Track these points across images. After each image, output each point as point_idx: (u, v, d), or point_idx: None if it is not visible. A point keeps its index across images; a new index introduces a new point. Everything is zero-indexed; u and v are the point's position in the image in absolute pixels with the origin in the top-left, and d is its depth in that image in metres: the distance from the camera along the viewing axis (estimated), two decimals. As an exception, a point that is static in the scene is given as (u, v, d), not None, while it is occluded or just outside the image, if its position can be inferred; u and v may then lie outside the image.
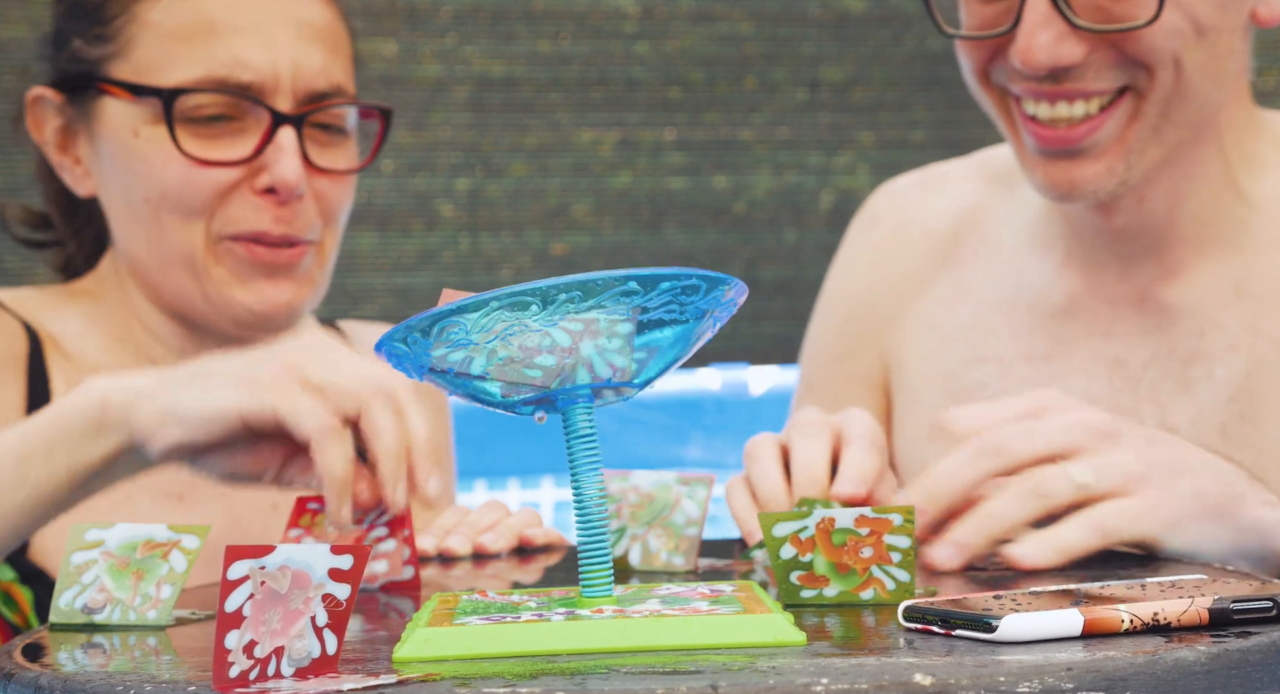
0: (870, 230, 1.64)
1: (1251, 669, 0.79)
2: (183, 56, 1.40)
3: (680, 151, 3.02)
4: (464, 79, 2.98)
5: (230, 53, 1.39)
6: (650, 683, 0.74)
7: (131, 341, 1.47)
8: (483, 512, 1.32)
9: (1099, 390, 1.44)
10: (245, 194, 1.41)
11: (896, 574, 0.96)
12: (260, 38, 1.40)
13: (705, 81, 3.02)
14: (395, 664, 0.81)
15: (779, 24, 3.02)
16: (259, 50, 1.39)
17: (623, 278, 0.84)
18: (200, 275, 1.42)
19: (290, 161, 1.39)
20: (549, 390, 0.87)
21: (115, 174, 1.43)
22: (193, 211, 1.40)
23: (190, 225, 1.41)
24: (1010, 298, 1.51)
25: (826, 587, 0.97)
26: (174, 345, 1.47)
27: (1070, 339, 1.47)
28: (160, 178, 1.40)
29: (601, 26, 3.01)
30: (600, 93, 3.01)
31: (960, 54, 1.41)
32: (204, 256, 1.41)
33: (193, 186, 1.40)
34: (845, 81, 3.03)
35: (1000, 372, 1.49)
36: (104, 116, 1.43)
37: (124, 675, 0.81)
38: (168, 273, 1.43)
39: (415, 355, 0.87)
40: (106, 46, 1.42)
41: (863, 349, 1.60)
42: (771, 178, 3.04)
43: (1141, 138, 1.36)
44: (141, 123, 1.40)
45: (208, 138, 1.40)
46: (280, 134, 1.40)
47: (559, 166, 3.02)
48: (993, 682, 0.74)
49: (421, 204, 3.01)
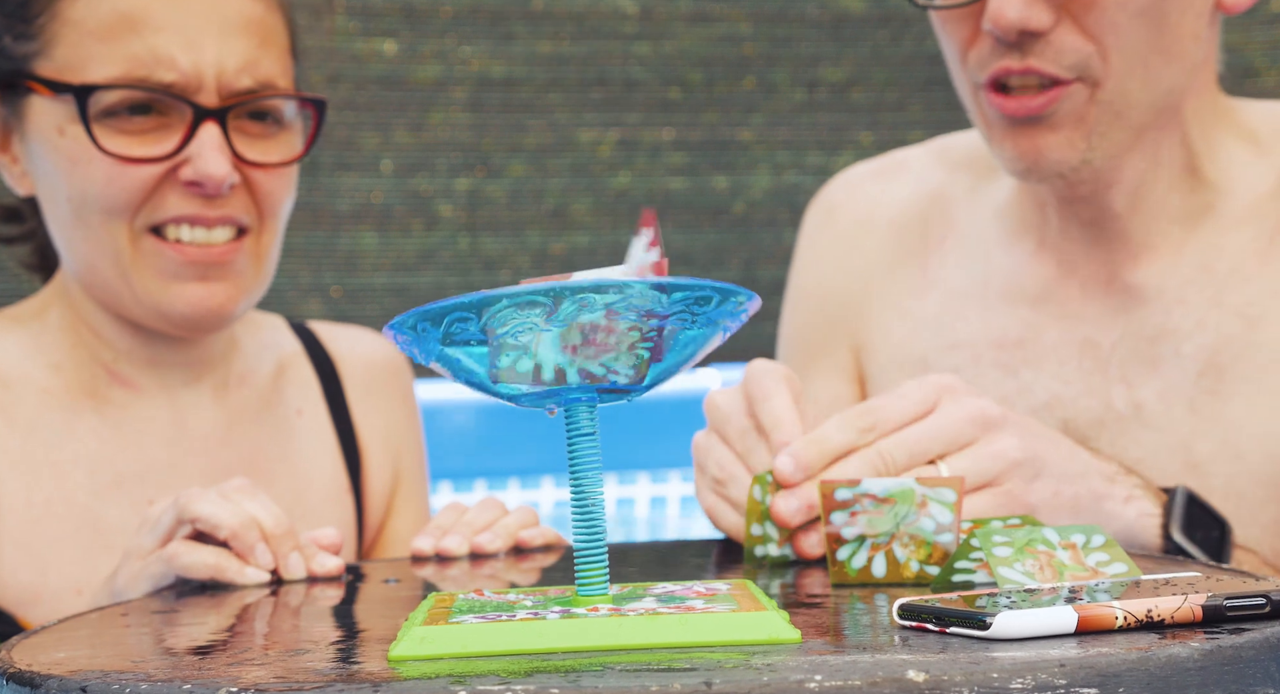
0: (831, 222, 1.66)
1: (1245, 666, 0.79)
2: (103, 54, 1.39)
3: (679, 152, 3.02)
4: (464, 79, 2.98)
5: (150, 51, 1.38)
6: (645, 680, 0.74)
7: (84, 349, 1.45)
8: (479, 511, 1.31)
9: (1070, 373, 1.47)
10: (172, 186, 1.39)
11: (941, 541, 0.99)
12: (181, 35, 1.38)
13: (704, 82, 3.02)
14: (391, 663, 0.82)
15: (778, 24, 3.02)
16: (180, 49, 1.38)
17: (634, 285, 0.84)
18: (128, 277, 1.40)
19: (213, 155, 1.38)
20: (554, 389, 0.87)
21: (45, 173, 1.42)
22: (116, 209, 1.39)
23: (114, 223, 1.39)
24: (980, 285, 1.54)
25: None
26: (123, 348, 1.45)
27: (1041, 324, 1.50)
28: (83, 176, 1.39)
29: (601, 27, 3.01)
30: (600, 93, 3.01)
31: (940, 34, 1.44)
32: (130, 256, 1.40)
33: (114, 184, 1.38)
34: (844, 82, 3.03)
35: (972, 357, 1.51)
36: (32, 115, 1.42)
37: (121, 674, 0.82)
38: (97, 274, 1.42)
39: (423, 342, 0.87)
40: (31, 44, 1.41)
41: (834, 340, 1.62)
42: (770, 178, 3.04)
43: (1102, 120, 1.39)
44: (66, 121, 1.39)
45: (131, 134, 1.39)
46: (203, 130, 1.38)
47: (558, 167, 3.02)
48: (986, 678, 0.74)
49: (421, 204, 3.01)
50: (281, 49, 1.44)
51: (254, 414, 1.50)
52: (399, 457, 1.57)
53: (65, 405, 1.43)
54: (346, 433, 1.54)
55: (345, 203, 3.04)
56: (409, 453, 1.59)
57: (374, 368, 1.58)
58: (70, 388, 1.44)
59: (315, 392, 1.54)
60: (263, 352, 1.53)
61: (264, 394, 1.51)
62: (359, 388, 1.56)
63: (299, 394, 1.53)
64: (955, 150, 1.63)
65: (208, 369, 1.48)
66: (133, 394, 1.45)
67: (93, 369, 1.44)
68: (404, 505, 1.59)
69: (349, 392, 1.56)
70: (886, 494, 1.05)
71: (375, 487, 1.55)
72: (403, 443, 1.58)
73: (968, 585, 0.99)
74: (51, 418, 1.43)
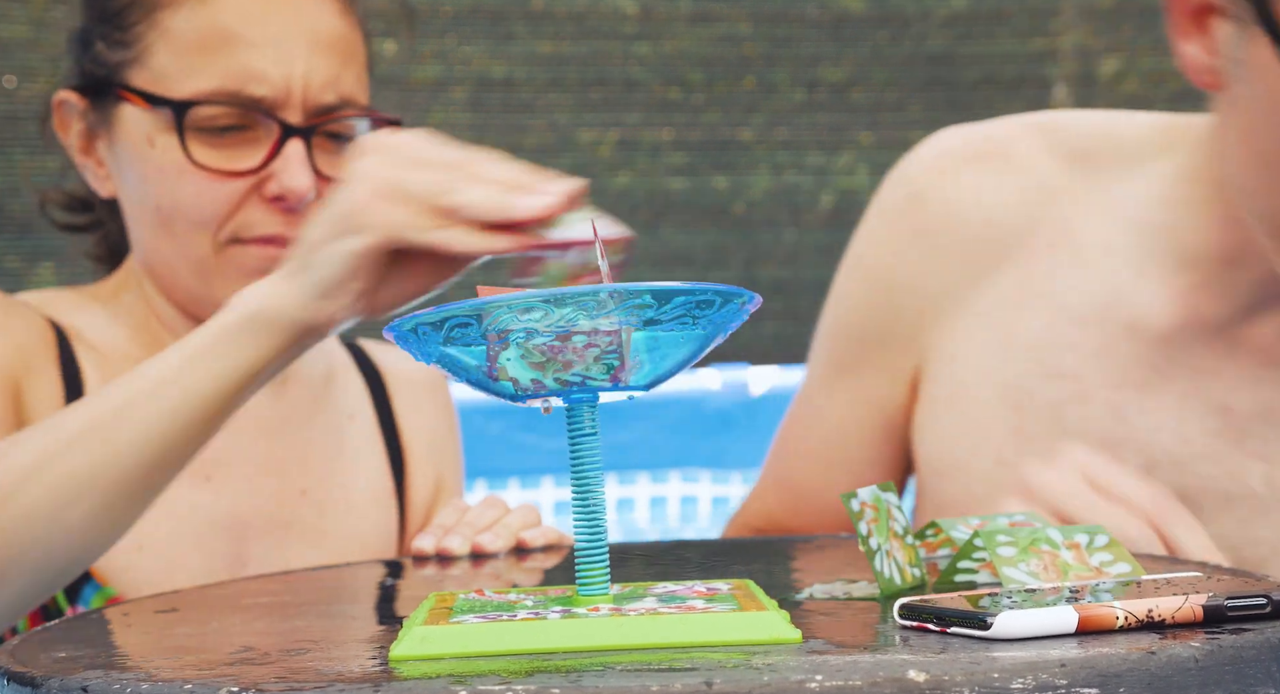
0: (916, 210, 1.45)
1: (1245, 666, 0.80)
2: (198, 67, 1.41)
3: (679, 152, 3.03)
4: (464, 79, 2.98)
5: (244, 66, 1.40)
6: (645, 680, 0.74)
7: (150, 334, 1.48)
8: (481, 510, 1.33)
9: (1192, 433, 1.32)
10: (255, 202, 1.42)
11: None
12: (274, 51, 1.41)
13: (704, 82, 3.03)
14: (391, 662, 0.82)
15: (778, 25, 3.02)
16: (272, 64, 1.41)
17: (638, 292, 0.84)
18: (210, 280, 1.43)
19: (298, 171, 1.41)
20: (555, 390, 0.88)
21: (131, 179, 1.44)
22: (204, 221, 1.42)
23: (200, 234, 1.42)
24: (1098, 310, 1.35)
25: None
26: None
27: (1168, 371, 1.32)
28: (173, 187, 1.42)
29: (601, 27, 3.01)
30: (599, 93, 3.01)
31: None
32: (214, 263, 1.43)
33: (204, 197, 1.41)
34: (844, 82, 3.03)
35: (1079, 394, 1.35)
36: (122, 122, 1.44)
37: (123, 674, 0.82)
38: (178, 277, 1.45)
39: (424, 345, 0.87)
40: (126, 52, 1.43)
41: (898, 336, 1.46)
42: (770, 178, 3.04)
43: None
44: (157, 131, 1.42)
45: (219, 147, 1.41)
46: (289, 146, 1.41)
47: (559, 166, 3.02)
48: (987, 678, 0.75)
49: (421, 204, 3.01)
50: (360, 66, 1.47)
51: (307, 413, 1.54)
52: (440, 465, 1.62)
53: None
54: (393, 440, 1.59)
55: (345, 203, 3.03)
56: (449, 463, 1.64)
57: (418, 382, 1.63)
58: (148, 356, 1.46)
59: (365, 400, 1.59)
60: (316, 356, 1.57)
61: (317, 396, 1.55)
62: (405, 400, 1.61)
63: (350, 401, 1.58)
64: (1070, 136, 1.40)
65: None
66: None
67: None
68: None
69: (396, 403, 1.61)
70: (874, 500, 1.03)
71: (418, 492, 1.59)
72: (444, 453, 1.63)
73: (970, 585, 0.99)
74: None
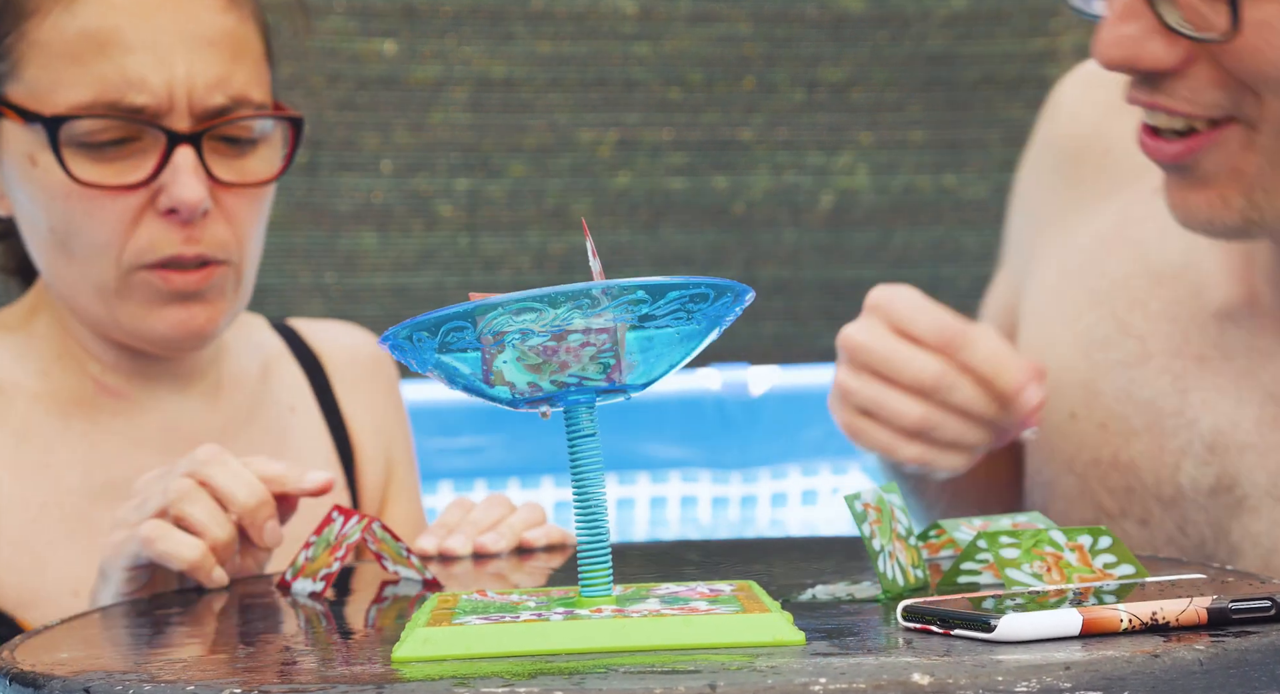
0: (1054, 119, 1.40)
1: (1250, 669, 0.79)
2: (71, 78, 1.33)
3: (679, 152, 3.03)
4: (464, 79, 2.98)
5: (120, 73, 1.33)
6: (648, 682, 0.74)
7: (71, 360, 1.43)
8: (485, 509, 1.31)
9: (1245, 418, 1.26)
10: (151, 217, 1.35)
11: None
12: (152, 55, 1.34)
13: (704, 82, 3.03)
14: (394, 664, 0.82)
15: (777, 24, 3.02)
16: (151, 69, 1.33)
17: (632, 287, 0.84)
18: (112, 306, 1.37)
19: (189, 181, 1.33)
20: (552, 391, 0.87)
21: (22, 200, 1.38)
22: (101, 244, 1.35)
23: (100, 257, 1.36)
24: (1174, 270, 1.29)
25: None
26: (109, 362, 1.43)
27: (1227, 350, 1.27)
28: (62, 208, 1.35)
29: (601, 27, 3.01)
30: (599, 93, 3.01)
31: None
32: (114, 290, 1.37)
33: (94, 217, 1.34)
34: (844, 82, 3.03)
35: (1140, 354, 1.30)
36: (6, 141, 1.37)
37: (125, 675, 0.82)
38: (78, 300, 1.39)
39: (419, 351, 0.87)
40: (1, 65, 1.36)
41: (1016, 254, 1.42)
42: (770, 178, 3.04)
43: (1264, 173, 1.15)
44: (37, 149, 1.35)
45: (104, 162, 1.34)
46: (177, 154, 1.34)
47: (558, 167, 3.02)
48: (991, 681, 0.74)
49: (421, 204, 3.01)
50: (255, 59, 1.40)
51: (246, 415, 1.49)
52: (390, 448, 1.57)
53: (56, 412, 1.43)
54: (338, 427, 1.54)
55: (345, 203, 3.04)
56: (399, 444, 1.58)
57: (359, 362, 1.57)
58: (60, 395, 1.43)
59: (304, 388, 1.53)
60: (248, 352, 1.52)
61: (254, 394, 1.50)
62: (346, 382, 1.56)
63: (289, 392, 1.53)
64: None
65: (197, 377, 1.47)
66: (123, 403, 1.44)
67: (81, 379, 1.43)
68: (398, 495, 1.58)
69: (336, 386, 1.55)
70: (877, 502, 1.03)
71: (369, 479, 1.55)
72: (392, 434, 1.58)
73: (974, 587, 0.98)
74: (43, 423, 1.42)
